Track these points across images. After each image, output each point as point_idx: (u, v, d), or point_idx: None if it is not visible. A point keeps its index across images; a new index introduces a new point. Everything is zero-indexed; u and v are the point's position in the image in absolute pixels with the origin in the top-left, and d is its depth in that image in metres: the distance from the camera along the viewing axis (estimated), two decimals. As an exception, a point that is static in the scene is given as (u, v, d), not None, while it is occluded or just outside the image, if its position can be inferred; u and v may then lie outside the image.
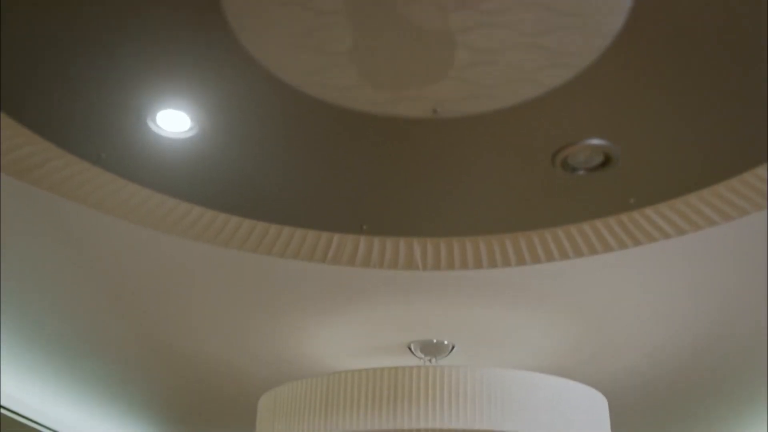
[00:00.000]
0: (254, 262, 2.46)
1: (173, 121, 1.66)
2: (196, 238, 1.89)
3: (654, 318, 3.14)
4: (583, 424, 2.97)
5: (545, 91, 1.45)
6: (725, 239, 2.12)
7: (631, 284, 2.68)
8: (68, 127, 1.56)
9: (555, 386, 2.94)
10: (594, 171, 1.62)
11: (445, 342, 3.44)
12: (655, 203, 1.70)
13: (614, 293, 2.82)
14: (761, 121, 1.48)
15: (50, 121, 1.55)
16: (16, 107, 1.52)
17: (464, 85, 1.44)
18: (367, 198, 1.68)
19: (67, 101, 1.50)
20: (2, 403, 4.12)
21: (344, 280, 2.67)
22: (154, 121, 1.64)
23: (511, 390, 2.81)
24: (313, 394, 2.92)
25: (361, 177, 1.63)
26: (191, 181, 1.68)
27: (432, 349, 3.43)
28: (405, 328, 3.34)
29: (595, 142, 1.54)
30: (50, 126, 1.56)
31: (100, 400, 4.62)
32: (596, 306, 3.05)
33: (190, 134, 1.64)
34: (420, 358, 3.51)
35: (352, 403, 2.82)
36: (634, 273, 2.55)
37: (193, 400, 4.57)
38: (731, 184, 1.61)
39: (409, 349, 3.47)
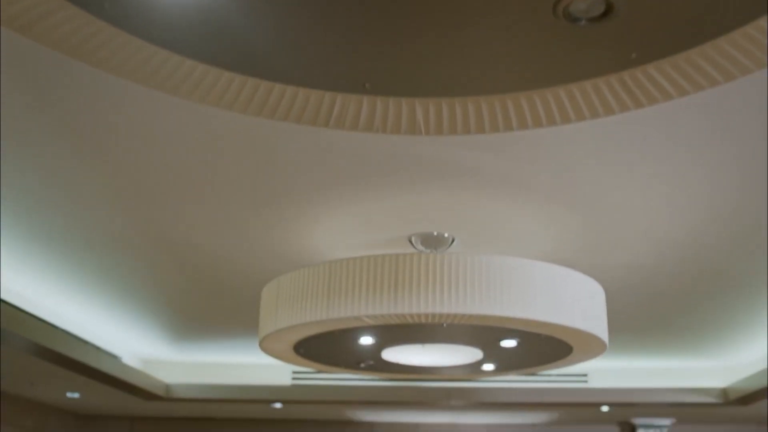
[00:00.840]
0: (259, 126, 2.46)
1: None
2: (201, 100, 1.87)
3: (655, 199, 3.15)
4: (580, 312, 3.02)
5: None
6: (727, 100, 2.10)
7: (631, 155, 2.68)
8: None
9: (554, 274, 2.98)
10: (596, 21, 1.61)
11: (446, 235, 3.47)
12: (657, 59, 1.69)
13: (614, 168, 2.82)
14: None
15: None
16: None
17: None
18: (368, 52, 1.65)
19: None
20: (2, 297, 4.17)
21: (348, 148, 2.67)
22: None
23: (510, 276, 2.86)
24: (316, 282, 2.96)
25: (363, 28, 1.60)
26: (193, 34, 1.66)
27: (432, 241, 3.46)
28: (405, 221, 3.36)
29: (598, -14, 1.52)
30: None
31: (103, 296, 4.68)
32: (596, 189, 3.05)
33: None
34: (420, 251, 3.54)
35: (353, 290, 2.86)
36: (635, 140, 2.54)
37: (197, 293, 4.63)
38: (733, 37, 1.59)
39: (410, 242, 3.50)
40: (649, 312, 4.91)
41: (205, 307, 5.00)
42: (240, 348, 6.09)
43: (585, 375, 6.46)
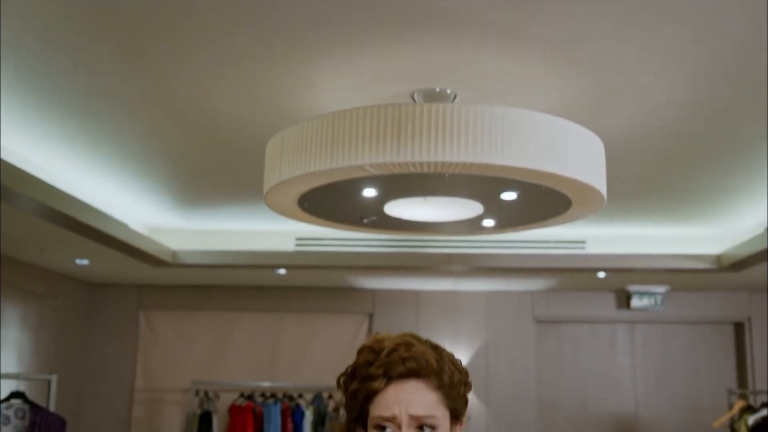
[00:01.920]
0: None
1: None
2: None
3: (661, 54, 3.14)
4: (580, 163, 3.07)
5: None
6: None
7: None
8: None
9: (555, 125, 3.02)
10: None
11: (448, 91, 3.48)
12: None
13: (619, 16, 2.81)
14: None
15: None
16: None
17: None
18: None
19: None
20: (3, 158, 4.19)
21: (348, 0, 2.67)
22: None
23: (511, 126, 2.89)
24: (319, 133, 3.00)
25: None
26: None
27: (435, 98, 3.47)
28: (408, 77, 3.37)
29: None
30: None
31: (106, 161, 4.72)
32: (601, 42, 3.05)
33: None
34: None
35: (356, 139, 2.90)
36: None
37: (201, 157, 4.67)
38: None
39: (412, 98, 3.51)
40: (647, 177, 4.97)
41: (209, 172, 5.06)
42: (245, 215, 6.18)
43: (583, 242, 6.60)
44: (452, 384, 1.68)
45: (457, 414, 1.71)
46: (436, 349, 1.74)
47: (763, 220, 5.73)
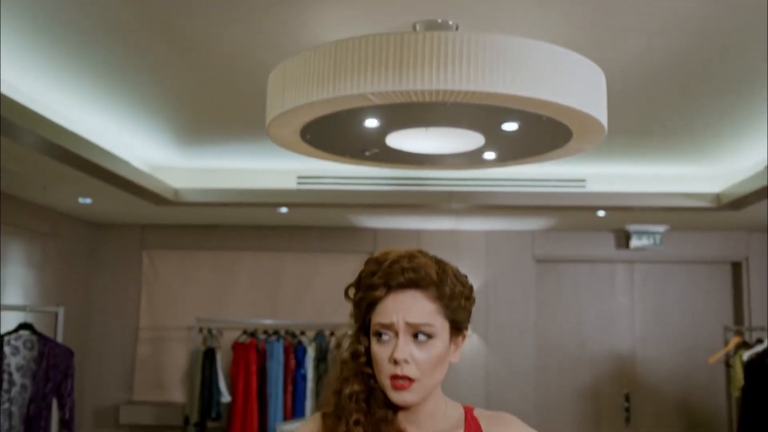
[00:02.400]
0: None
1: None
2: None
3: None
4: (581, 93, 3.08)
5: None
6: None
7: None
8: None
9: (557, 55, 3.03)
10: None
11: (450, 22, 3.47)
12: None
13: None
14: None
15: None
16: None
17: None
18: None
19: None
20: (3, 93, 4.18)
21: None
22: None
23: (513, 55, 2.90)
24: (322, 62, 3.01)
25: None
26: None
27: (436, 28, 3.46)
28: (409, 8, 3.36)
29: None
30: None
31: (107, 97, 4.72)
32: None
33: None
34: (425, 38, 3.55)
35: (359, 68, 2.91)
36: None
37: (203, 92, 4.67)
38: None
39: (414, 30, 3.51)
40: (648, 115, 4.97)
41: (212, 109, 5.06)
42: (247, 153, 6.20)
43: (583, 180, 6.62)
44: (453, 296, 1.73)
45: (458, 326, 1.76)
46: (440, 263, 1.79)
47: (763, 158, 5.75)
